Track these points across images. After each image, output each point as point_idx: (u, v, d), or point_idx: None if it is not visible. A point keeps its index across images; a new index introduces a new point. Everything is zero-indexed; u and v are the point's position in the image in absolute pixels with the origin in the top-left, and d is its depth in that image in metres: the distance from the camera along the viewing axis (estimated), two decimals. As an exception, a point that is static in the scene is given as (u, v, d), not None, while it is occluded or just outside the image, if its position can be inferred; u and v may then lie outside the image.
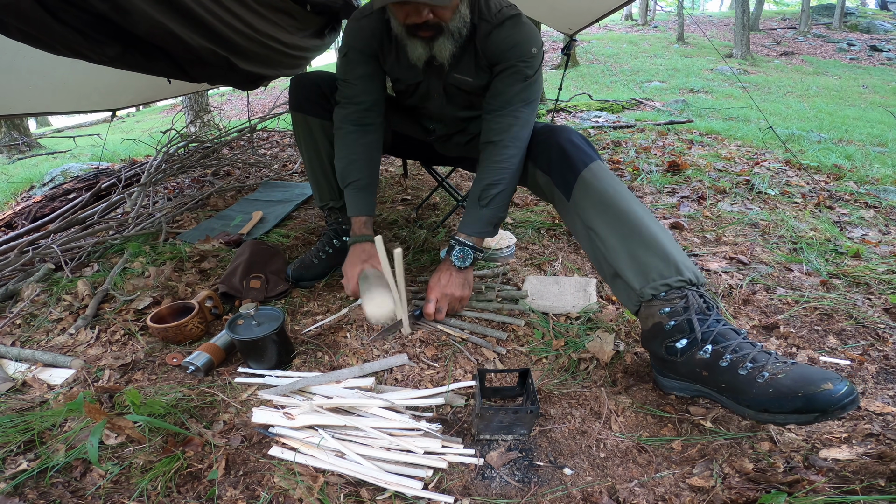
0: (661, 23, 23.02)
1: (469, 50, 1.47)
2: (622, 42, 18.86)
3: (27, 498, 1.01)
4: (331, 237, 1.85)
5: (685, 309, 1.14)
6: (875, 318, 1.50)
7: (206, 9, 1.80)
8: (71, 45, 1.57)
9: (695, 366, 1.10)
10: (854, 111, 8.55)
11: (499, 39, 1.43)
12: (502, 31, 1.42)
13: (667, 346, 1.14)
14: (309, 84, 1.70)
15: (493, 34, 1.43)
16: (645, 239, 1.20)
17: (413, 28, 1.36)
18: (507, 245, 1.89)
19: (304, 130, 1.73)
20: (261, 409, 1.19)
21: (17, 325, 1.71)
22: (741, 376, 1.03)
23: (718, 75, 13.10)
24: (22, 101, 2.59)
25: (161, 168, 3.41)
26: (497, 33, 1.43)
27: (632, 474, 1.02)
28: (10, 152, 7.87)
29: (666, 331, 1.14)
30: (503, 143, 1.44)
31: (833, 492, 0.90)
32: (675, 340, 1.13)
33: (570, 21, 3.22)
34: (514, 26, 1.42)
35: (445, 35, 1.38)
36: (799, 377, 0.97)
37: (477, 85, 1.53)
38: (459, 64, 1.50)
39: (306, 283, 1.82)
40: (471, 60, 1.49)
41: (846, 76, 13.77)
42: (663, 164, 3.30)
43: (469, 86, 1.54)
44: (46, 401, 1.31)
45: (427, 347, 1.44)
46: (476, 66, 1.49)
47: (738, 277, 1.75)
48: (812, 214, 2.36)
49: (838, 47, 17.43)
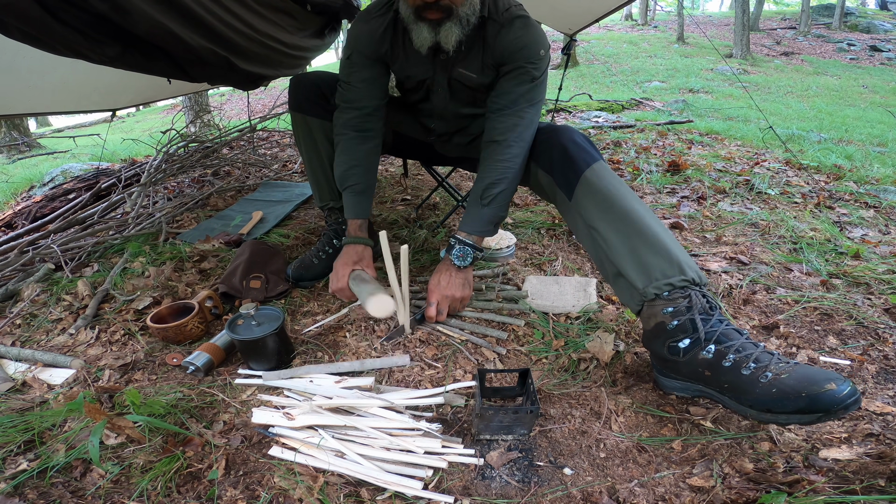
0: (661, 23, 23.01)
1: (476, 46, 1.47)
2: (622, 42, 18.86)
3: (27, 498, 1.01)
4: (331, 237, 1.85)
5: (688, 309, 1.14)
6: (875, 318, 1.50)
7: (205, 9, 1.80)
8: (71, 45, 1.57)
9: (697, 365, 1.10)
10: (854, 111, 8.55)
11: (508, 40, 1.42)
12: (511, 31, 1.42)
13: (669, 346, 1.14)
14: (308, 84, 1.70)
15: (501, 34, 1.43)
16: (648, 238, 1.20)
17: (422, 9, 1.34)
18: (507, 245, 1.89)
19: (303, 131, 1.73)
20: (261, 409, 1.19)
21: (18, 325, 1.71)
22: (744, 376, 1.03)
23: (718, 75, 13.10)
24: (22, 100, 2.59)
25: (161, 168, 3.41)
26: (506, 33, 1.42)
27: (632, 474, 1.02)
28: (10, 152, 7.87)
29: (669, 330, 1.14)
30: (507, 142, 1.44)
31: (833, 492, 0.90)
32: (678, 340, 1.13)
33: (570, 21, 3.23)
34: (523, 27, 1.42)
35: (454, 20, 1.36)
36: (802, 377, 0.97)
37: (480, 82, 1.53)
38: (466, 59, 1.49)
39: (306, 283, 1.82)
40: (477, 56, 1.48)
41: (846, 76, 13.76)
42: (663, 164, 3.30)
43: (473, 82, 1.54)
44: (46, 401, 1.31)
45: (427, 347, 1.44)
46: (482, 63, 1.49)
47: (738, 277, 1.75)
48: (812, 214, 2.36)
49: (838, 47, 17.42)
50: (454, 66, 1.52)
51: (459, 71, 1.52)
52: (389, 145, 1.88)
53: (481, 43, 1.46)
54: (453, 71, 1.53)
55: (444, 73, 1.55)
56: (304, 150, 1.77)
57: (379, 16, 1.51)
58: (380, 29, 1.51)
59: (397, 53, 1.55)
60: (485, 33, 1.44)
